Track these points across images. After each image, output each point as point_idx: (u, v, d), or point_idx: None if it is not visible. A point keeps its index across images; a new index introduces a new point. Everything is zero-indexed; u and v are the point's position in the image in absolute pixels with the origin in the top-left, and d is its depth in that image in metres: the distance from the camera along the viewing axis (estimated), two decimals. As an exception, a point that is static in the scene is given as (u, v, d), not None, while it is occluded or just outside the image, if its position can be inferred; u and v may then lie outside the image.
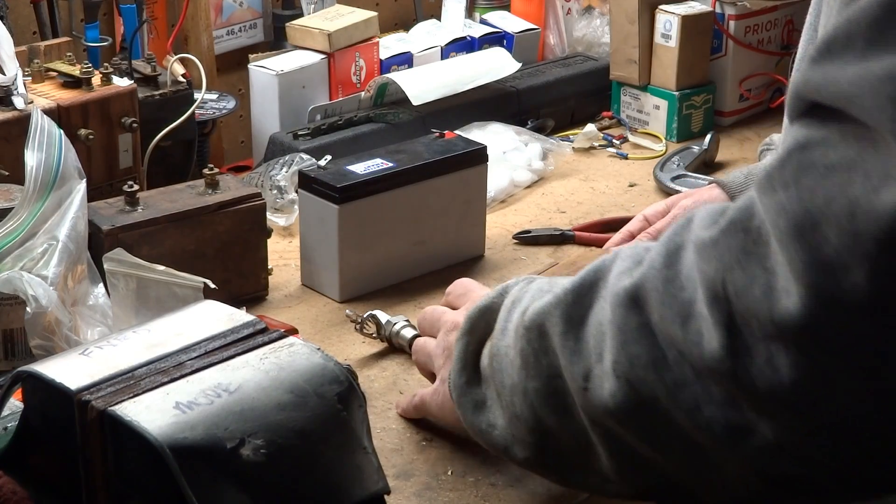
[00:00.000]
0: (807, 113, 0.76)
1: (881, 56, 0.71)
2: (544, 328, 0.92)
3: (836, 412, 0.75)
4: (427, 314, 1.16)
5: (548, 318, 0.92)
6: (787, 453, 0.79)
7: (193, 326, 1.01)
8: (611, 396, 0.86)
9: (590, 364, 0.88)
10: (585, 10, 2.05)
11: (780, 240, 0.74)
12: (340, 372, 0.95)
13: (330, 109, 1.74)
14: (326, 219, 1.40)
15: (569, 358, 0.90)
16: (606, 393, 0.86)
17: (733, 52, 1.90)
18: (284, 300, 1.43)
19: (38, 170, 1.21)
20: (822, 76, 0.74)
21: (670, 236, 0.85)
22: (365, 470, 0.94)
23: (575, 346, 0.89)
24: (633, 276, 0.85)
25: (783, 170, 0.75)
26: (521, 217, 1.64)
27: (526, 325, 0.94)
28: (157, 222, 1.32)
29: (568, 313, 0.90)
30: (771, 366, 0.76)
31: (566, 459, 0.96)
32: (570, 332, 0.90)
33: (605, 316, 0.87)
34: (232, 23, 1.92)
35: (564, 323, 0.90)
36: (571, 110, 1.94)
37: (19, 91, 1.40)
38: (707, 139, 1.81)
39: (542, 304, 0.93)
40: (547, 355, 0.92)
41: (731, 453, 0.81)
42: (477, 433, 1.03)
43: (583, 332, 0.89)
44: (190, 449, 0.86)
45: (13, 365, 1.19)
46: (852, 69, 0.72)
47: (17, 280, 1.17)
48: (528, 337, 0.94)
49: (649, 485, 0.91)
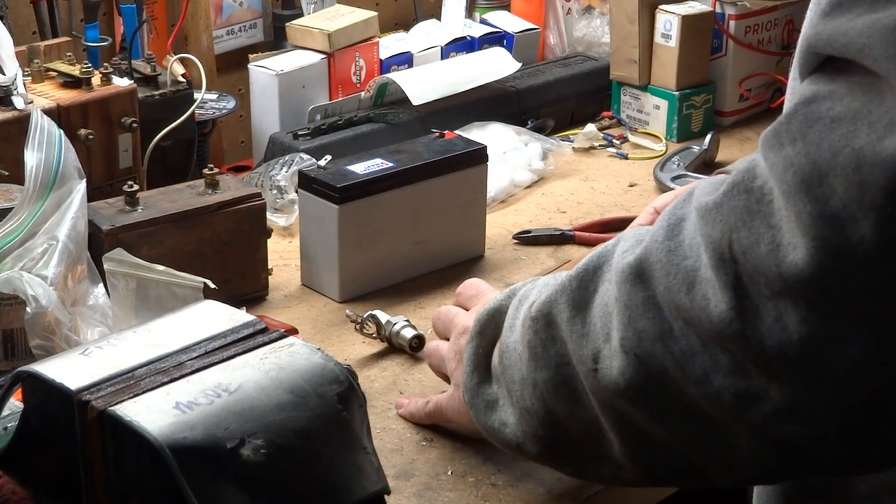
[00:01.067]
0: (817, 69, 0.76)
1: (890, 6, 0.72)
2: (551, 316, 0.93)
3: (845, 367, 0.75)
4: (441, 316, 1.16)
5: (554, 307, 0.92)
6: (796, 417, 0.79)
7: (193, 326, 1.01)
8: (620, 374, 0.86)
9: (598, 345, 0.88)
10: (585, 10, 2.05)
11: (786, 194, 0.74)
12: (340, 372, 0.95)
13: (330, 109, 1.74)
14: (326, 219, 1.40)
15: (577, 342, 0.90)
16: (616, 371, 0.86)
17: (733, 52, 1.90)
18: (284, 300, 1.43)
19: (37, 170, 1.21)
20: (833, 28, 0.74)
21: (671, 210, 0.85)
22: (365, 470, 0.94)
23: (582, 330, 0.90)
24: (636, 251, 0.85)
25: (790, 125, 0.76)
26: (521, 217, 1.64)
27: (533, 317, 0.95)
28: (157, 222, 1.32)
29: (573, 298, 0.91)
30: (780, 323, 0.76)
31: (579, 449, 0.96)
32: (577, 317, 0.90)
33: (610, 295, 0.87)
34: (232, 23, 1.92)
35: (571, 308, 0.91)
36: (571, 110, 1.94)
37: (19, 91, 1.40)
38: (707, 139, 1.81)
39: (547, 294, 0.94)
40: (555, 344, 0.93)
41: (742, 422, 0.81)
42: (490, 433, 1.03)
43: (589, 314, 0.89)
44: (190, 449, 0.86)
45: (13, 365, 1.19)
46: (862, 20, 0.73)
47: (17, 280, 1.17)
48: (535, 328, 0.94)
49: (663, 468, 0.91)
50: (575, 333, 0.90)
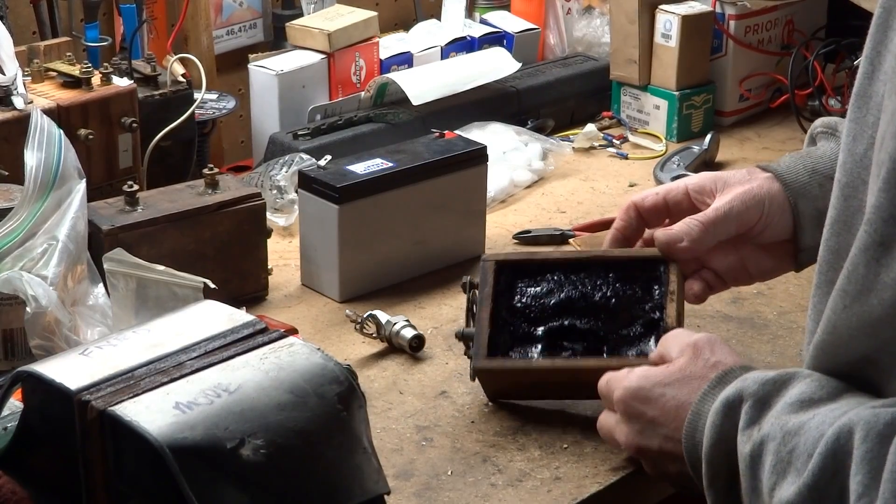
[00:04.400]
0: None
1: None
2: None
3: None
4: (602, 394, 1.10)
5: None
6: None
7: (193, 326, 1.01)
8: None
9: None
10: (585, 10, 2.05)
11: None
12: (340, 372, 0.95)
13: (330, 109, 1.74)
14: (326, 219, 1.40)
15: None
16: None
17: (733, 51, 1.90)
18: (284, 300, 1.43)
19: (37, 170, 1.21)
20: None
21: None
22: (365, 470, 0.94)
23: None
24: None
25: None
26: (521, 217, 1.64)
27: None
28: (157, 222, 1.32)
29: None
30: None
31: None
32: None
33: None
34: (232, 23, 1.92)
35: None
36: (571, 110, 1.94)
37: (19, 91, 1.40)
38: (707, 139, 1.81)
39: (788, 495, 0.88)
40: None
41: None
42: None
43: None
44: (190, 449, 0.86)
45: (13, 365, 1.19)
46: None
47: (17, 280, 1.17)
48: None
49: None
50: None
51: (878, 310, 0.85)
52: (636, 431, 1.05)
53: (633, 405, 1.05)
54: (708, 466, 0.97)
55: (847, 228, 0.91)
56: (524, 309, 1.20)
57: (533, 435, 1.17)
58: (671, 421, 1.02)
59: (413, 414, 1.21)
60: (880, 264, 0.84)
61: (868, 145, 0.89)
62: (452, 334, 1.32)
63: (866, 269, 0.85)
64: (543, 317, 1.19)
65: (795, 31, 1.96)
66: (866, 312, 0.86)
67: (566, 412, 1.20)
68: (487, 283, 1.21)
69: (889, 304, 0.84)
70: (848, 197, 0.91)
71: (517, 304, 1.21)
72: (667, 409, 1.03)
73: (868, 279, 0.85)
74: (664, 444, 1.03)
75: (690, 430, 0.99)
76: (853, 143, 0.91)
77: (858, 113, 0.91)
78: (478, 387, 1.23)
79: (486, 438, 1.17)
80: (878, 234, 0.84)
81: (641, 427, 1.05)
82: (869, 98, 0.90)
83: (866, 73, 0.92)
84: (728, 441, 0.95)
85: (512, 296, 1.21)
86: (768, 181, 1.20)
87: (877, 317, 0.85)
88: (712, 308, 1.39)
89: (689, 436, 0.99)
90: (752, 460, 0.92)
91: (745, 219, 1.19)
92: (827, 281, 0.92)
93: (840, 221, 0.92)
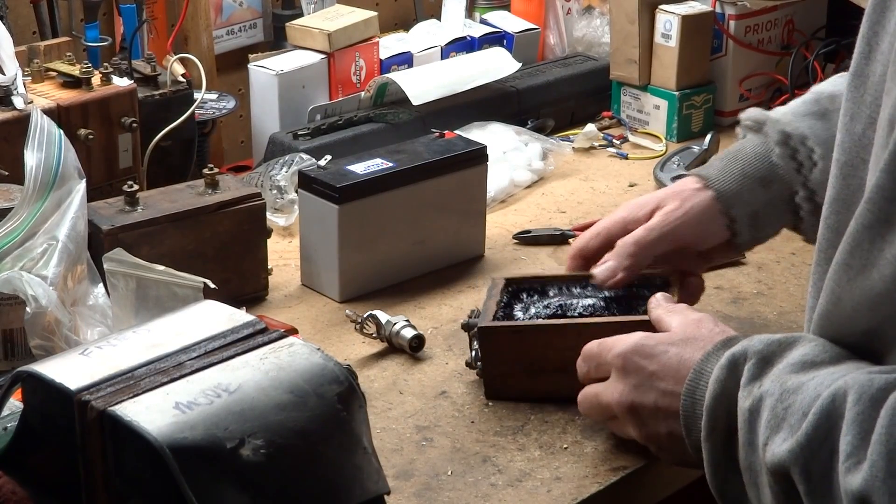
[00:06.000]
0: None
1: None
2: (788, 477, 0.90)
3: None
4: (590, 356, 1.12)
5: (791, 469, 0.89)
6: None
7: (193, 326, 1.01)
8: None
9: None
10: (585, 10, 2.05)
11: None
12: (340, 372, 0.95)
13: (330, 109, 1.74)
14: (326, 219, 1.40)
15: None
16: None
17: (733, 51, 1.90)
18: (284, 300, 1.43)
19: (37, 170, 1.21)
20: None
21: (889, 435, 0.82)
22: (365, 470, 0.94)
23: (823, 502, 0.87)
24: (858, 477, 0.82)
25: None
26: (521, 217, 1.64)
27: (769, 469, 0.91)
28: (157, 222, 1.32)
29: (807, 470, 0.88)
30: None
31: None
32: (816, 493, 0.87)
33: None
34: (232, 23, 1.92)
35: (806, 482, 0.88)
36: (571, 110, 1.94)
37: (19, 91, 1.40)
38: (707, 139, 1.81)
39: (781, 452, 0.89)
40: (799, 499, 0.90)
41: None
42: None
43: (828, 495, 0.86)
44: (190, 449, 0.86)
45: (13, 365, 1.19)
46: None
47: (17, 280, 1.17)
48: (773, 480, 0.91)
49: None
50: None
51: (880, 285, 0.87)
52: (632, 386, 1.06)
53: (634, 359, 1.06)
54: (708, 418, 0.98)
55: (847, 207, 0.92)
56: (528, 306, 1.25)
57: (533, 435, 1.17)
58: (671, 376, 1.04)
59: (413, 414, 1.21)
60: (885, 240, 0.86)
61: (866, 124, 0.91)
62: (452, 334, 1.32)
63: (870, 245, 0.87)
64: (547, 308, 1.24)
65: (795, 31, 1.96)
66: (868, 287, 0.88)
67: (566, 412, 1.20)
68: (493, 295, 1.26)
69: (890, 280, 0.85)
70: (847, 176, 0.93)
71: (522, 300, 1.26)
72: (668, 364, 1.04)
73: (872, 254, 0.87)
74: (660, 400, 1.04)
75: (691, 387, 1.01)
76: (851, 123, 0.93)
77: (856, 93, 0.93)
78: (478, 387, 1.23)
79: (486, 438, 1.17)
80: (882, 212, 0.86)
81: (639, 381, 1.06)
82: (866, 78, 0.92)
83: (863, 53, 0.93)
84: (730, 396, 0.96)
85: (517, 301, 1.26)
86: (700, 193, 1.25)
87: (878, 292, 0.87)
88: (712, 308, 1.39)
89: (689, 392, 1.01)
90: (750, 415, 0.94)
91: (679, 235, 1.24)
92: (827, 259, 0.94)
93: (839, 200, 0.94)
